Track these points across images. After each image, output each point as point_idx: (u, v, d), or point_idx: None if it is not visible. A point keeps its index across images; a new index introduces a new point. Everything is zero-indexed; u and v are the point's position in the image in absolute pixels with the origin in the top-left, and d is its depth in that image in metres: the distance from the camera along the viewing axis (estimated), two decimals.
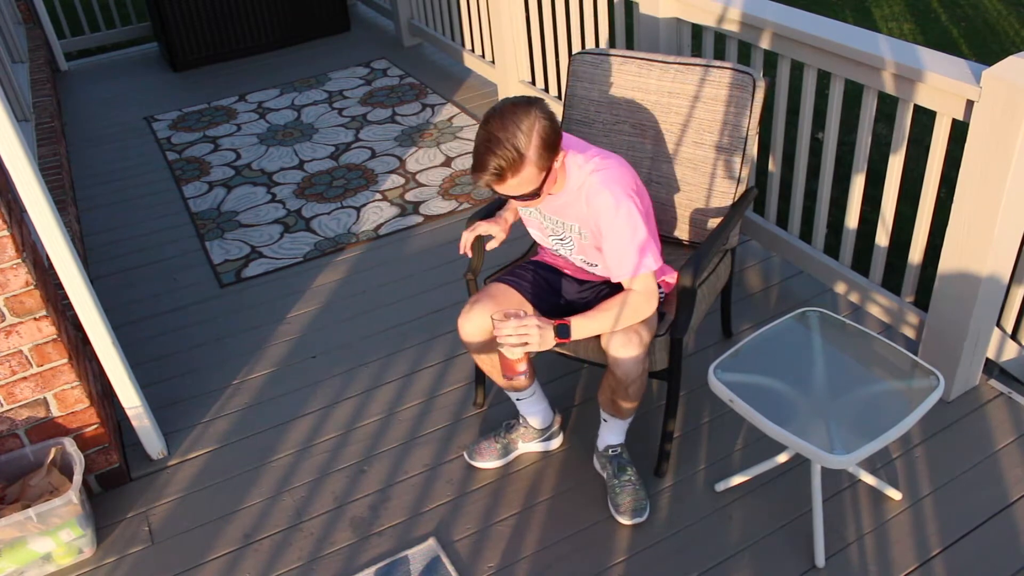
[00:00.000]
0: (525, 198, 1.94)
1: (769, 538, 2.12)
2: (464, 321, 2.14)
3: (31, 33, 5.41)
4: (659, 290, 2.10)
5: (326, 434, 2.56)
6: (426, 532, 2.23)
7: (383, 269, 3.30)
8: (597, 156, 2.02)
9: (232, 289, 3.27)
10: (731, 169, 2.32)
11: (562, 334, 1.97)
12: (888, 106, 4.15)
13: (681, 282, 2.09)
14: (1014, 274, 2.37)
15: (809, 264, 2.90)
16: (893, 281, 2.77)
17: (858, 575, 2.02)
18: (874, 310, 2.74)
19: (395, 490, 2.36)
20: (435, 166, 3.99)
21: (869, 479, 2.20)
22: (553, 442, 2.42)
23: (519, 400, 2.33)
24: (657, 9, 2.95)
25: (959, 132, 2.27)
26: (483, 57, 4.62)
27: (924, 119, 3.67)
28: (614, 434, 2.25)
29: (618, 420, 2.21)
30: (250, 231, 3.62)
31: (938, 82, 2.17)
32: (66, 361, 2.22)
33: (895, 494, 2.19)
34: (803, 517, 2.17)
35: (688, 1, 2.86)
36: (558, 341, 1.98)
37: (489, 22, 4.40)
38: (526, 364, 2.00)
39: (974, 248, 2.21)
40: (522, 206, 2.02)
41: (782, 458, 2.22)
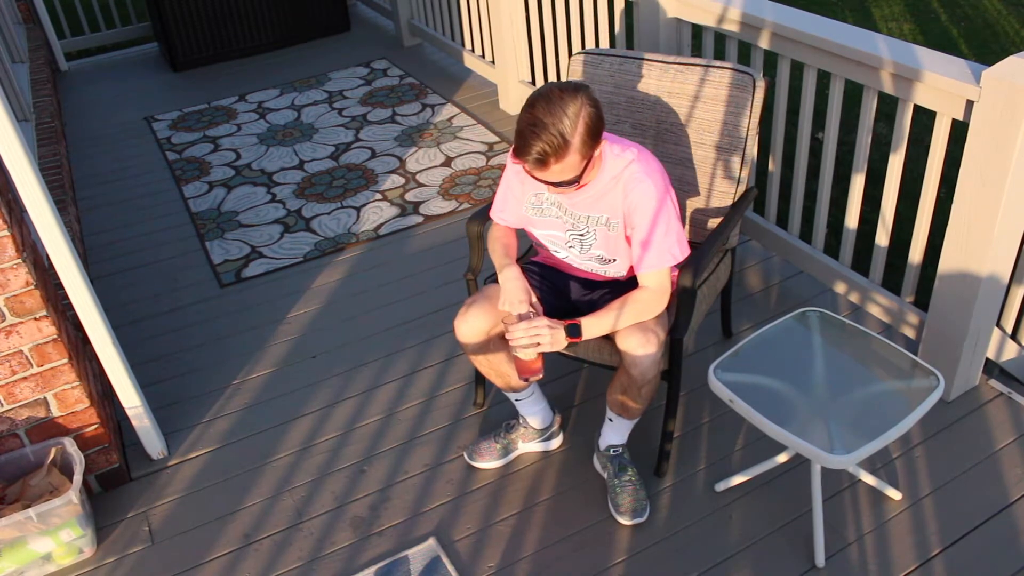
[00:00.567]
0: (564, 185, 1.91)
1: (769, 538, 2.12)
2: (461, 322, 2.13)
3: (31, 33, 5.41)
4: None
5: (326, 434, 2.56)
6: (426, 532, 2.23)
7: (383, 269, 3.30)
8: (634, 147, 2.02)
9: (232, 289, 3.27)
10: (731, 169, 2.32)
11: (573, 334, 1.97)
12: (888, 106, 4.15)
13: (681, 282, 2.09)
14: (1014, 274, 2.37)
15: (809, 264, 2.90)
16: (893, 281, 2.77)
17: (858, 575, 2.02)
18: (874, 310, 2.74)
19: (395, 490, 2.36)
20: (435, 166, 3.99)
21: (869, 479, 2.20)
22: (553, 442, 2.42)
23: (518, 400, 2.33)
24: (657, 9, 2.95)
25: (959, 132, 2.27)
26: (483, 57, 4.62)
27: (924, 119, 3.67)
28: (618, 434, 2.25)
29: (624, 420, 2.20)
30: (250, 231, 3.62)
31: (938, 82, 2.17)
32: (66, 361, 2.22)
33: (895, 494, 2.19)
34: (803, 517, 2.17)
35: (688, 1, 2.86)
36: (569, 341, 1.98)
37: (489, 22, 4.40)
38: (541, 362, 2.01)
39: (974, 248, 2.21)
40: (557, 193, 1.98)
41: (782, 458, 2.22)
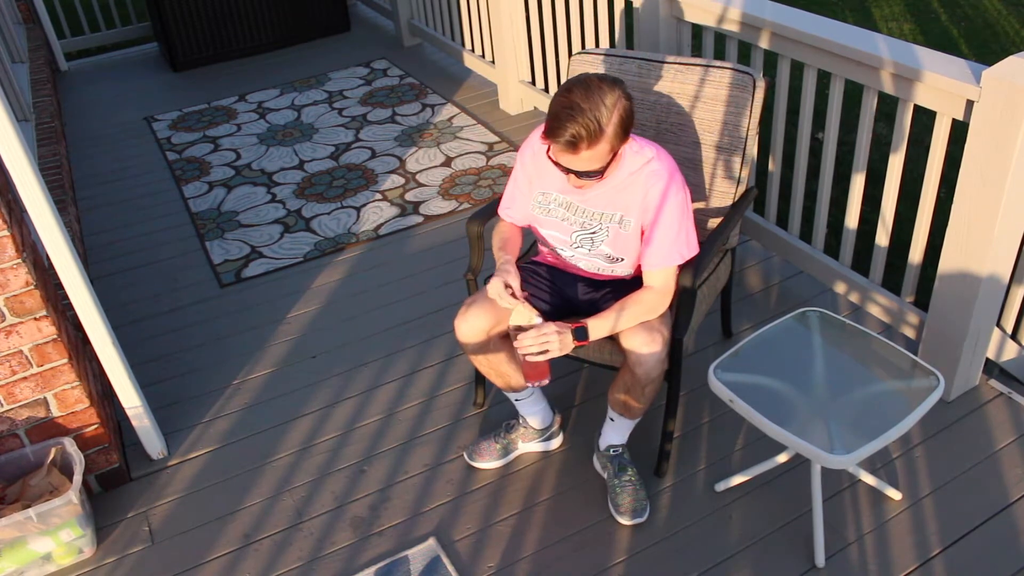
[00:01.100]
0: (588, 175, 1.90)
1: (769, 538, 2.12)
2: (460, 322, 2.13)
3: (31, 33, 5.41)
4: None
5: (326, 434, 2.56)
6: (426, 532, 2.23)
7: (383, 269, 3.30)
8: (653, 146, 2.03)
9: (232, 289, 3.27)
10: (731, 169, 2.32)
11: (580, 337, 1.97)
12: (888, 106, 4.15)
13: (681, 282, 2.08)
14: (1014, 274, 2.37)
15: (809, 264, 2.90)
16: (893, 281, 2.77)
17: (858, 575, 2.02)
18: (874, 310, 2.74)
19: (395, 490, 2.36)
20: (435, 166, 3.99)
21: (869, 479, 2.20)
22: (553, 442, 2.42)
23: (518, 401, 2.33)
24: (657, 9, 2.95)
25: (959, 132, 2.27)
26: (483, 57, 4.62)
27: (924, 119, 3.67)
28: (618, 434, 2.25)
29: (626, 420, 2.20)
30: (250, 231, 3.62)
31: (938, 82, 2.17)
32: (66, 361, 2.22)
33: (895, 494, 2.19)
34: (803, 517, 2.17)
35: (688, 1, 2.86)
36: (576, 344, 1.98)
37: (489, 22, 4.40)
38: (548, 366, 2.05)
39: (974, 248, 2.21)
40: (579, 186, 1.97)
41: (782, 458, 2.22)
